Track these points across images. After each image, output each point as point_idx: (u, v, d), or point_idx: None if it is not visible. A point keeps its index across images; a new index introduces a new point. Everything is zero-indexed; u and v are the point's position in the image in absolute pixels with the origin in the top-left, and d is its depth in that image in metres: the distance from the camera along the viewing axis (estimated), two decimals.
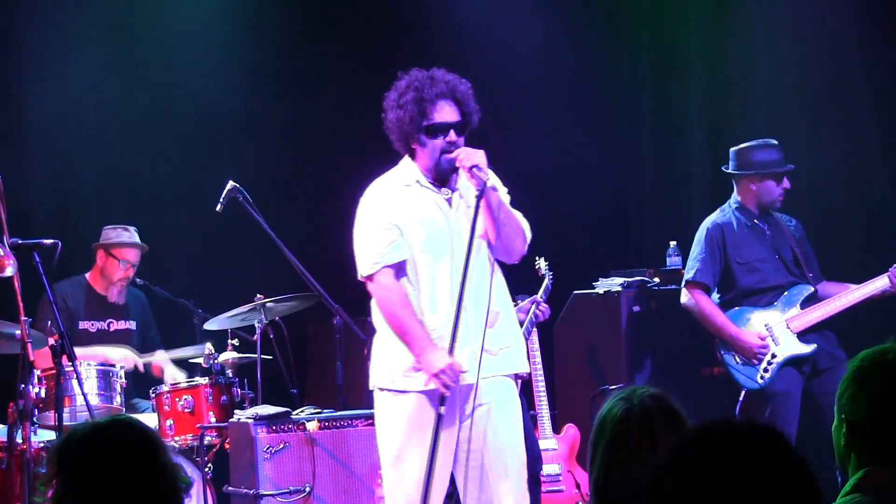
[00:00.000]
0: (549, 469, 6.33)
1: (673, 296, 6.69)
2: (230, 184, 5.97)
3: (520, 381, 4.74)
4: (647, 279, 7.05)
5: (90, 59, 7.54)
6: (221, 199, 5.95)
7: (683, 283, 6.36)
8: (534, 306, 6.24)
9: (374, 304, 4.57)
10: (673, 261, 7.12)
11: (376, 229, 4.48)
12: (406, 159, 4.58)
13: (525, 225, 4.59)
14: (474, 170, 4.35)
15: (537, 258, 6.48)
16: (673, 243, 7.17)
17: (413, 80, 4.50)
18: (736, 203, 6.33)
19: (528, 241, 4.61)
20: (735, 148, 6.38)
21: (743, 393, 6.19)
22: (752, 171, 6.28)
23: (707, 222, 6.36)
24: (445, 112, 4.46)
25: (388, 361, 4.52)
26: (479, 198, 4.36)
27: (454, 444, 4.43)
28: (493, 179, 4.48)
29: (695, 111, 7.89)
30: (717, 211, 6.39)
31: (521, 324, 6.06)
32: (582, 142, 7.84)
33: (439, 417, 4.29)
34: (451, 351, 4.31)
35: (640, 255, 7.78)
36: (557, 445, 6.47)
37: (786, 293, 6.20)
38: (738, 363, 6.15)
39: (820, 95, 7.33)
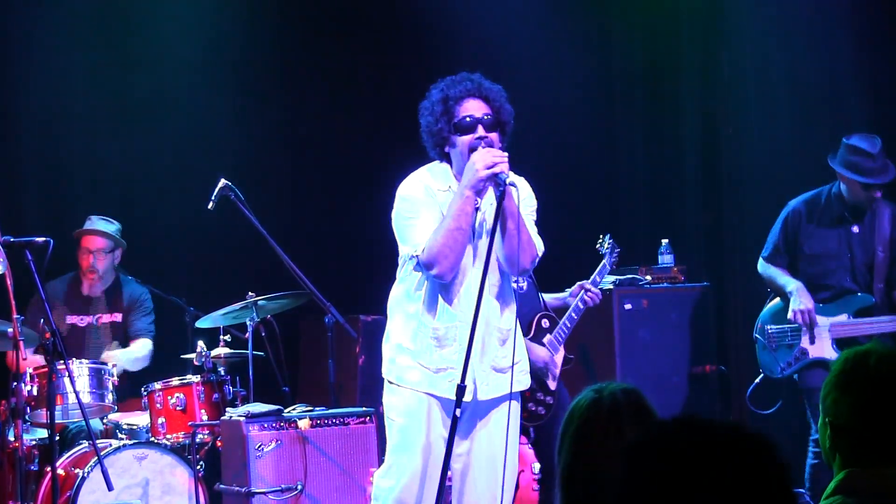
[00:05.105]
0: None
1: (664, 294, 6.68)
2: (222, 182, 5.97)
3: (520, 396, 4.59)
4: (638, 277, 7.05)
5: (82, 56, 7.54)
6: (213, 197, 5.95)
7: (761, 255, 6.28)
8: (582, 292, 5.99)
9: (394, 292, 4.51)
10: (664, 259, 7.12)
11: (421, 212, 4.39)
12: (438, 164, 4.49)
13: (538, 243, 4.47)
14: (495, 168, 4.20)
15: (601, 236, 6.34)
16: (664, 241, 7.17)
17: (441, 84, 4.44)
18: (836, 189, 6.14)
19: (536, 260, 4.47)
20: (846, 138, 6.09)
21: (760, 377, 6.16)
22: (837, 168, 6.06)
23: (793, 202, 6.22)
24: (471, 108, 4.36)
25: (391, 353, 4.49)
26: (499, 198, 4.21)
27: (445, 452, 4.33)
28: (523, 189, 4.41)
29: (687, 109, 7.90)
30: (815, 191, 6.20)
31: (567, 308, 5.96)
32: (573, 140, 7.84)
33: (455, 420, 4.15)
34: (466, 358, 4.15)
35: (631, 253, 7.78)
36: None
37: (844, 297, 6.09)
38: (764, 349, 6.10)
39: (812, 93, 7.34)
